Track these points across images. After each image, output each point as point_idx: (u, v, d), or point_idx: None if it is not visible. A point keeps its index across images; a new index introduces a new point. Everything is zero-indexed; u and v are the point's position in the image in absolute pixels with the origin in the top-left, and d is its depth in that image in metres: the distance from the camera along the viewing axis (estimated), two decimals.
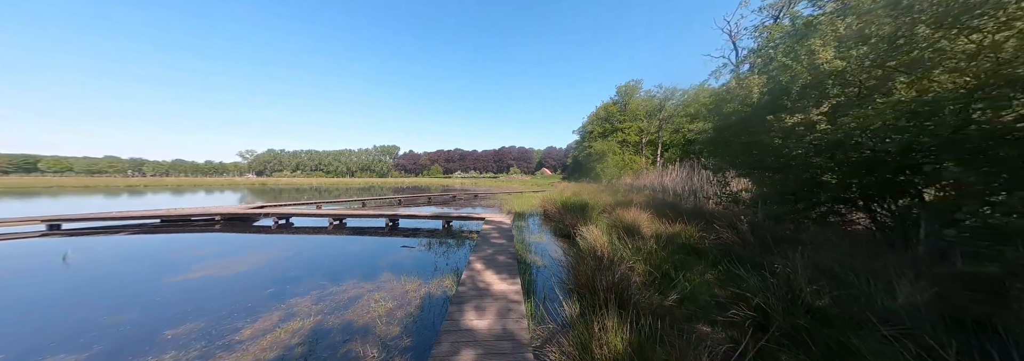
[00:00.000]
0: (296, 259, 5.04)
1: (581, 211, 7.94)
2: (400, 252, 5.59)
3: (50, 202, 15.91)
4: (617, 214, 7.10)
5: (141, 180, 47.58)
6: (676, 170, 14.70)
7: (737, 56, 19.87)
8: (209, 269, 4.52)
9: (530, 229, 8.04)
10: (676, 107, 30.35)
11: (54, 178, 60.20)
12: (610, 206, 9.18)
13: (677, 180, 14.30)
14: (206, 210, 8.53)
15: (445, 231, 7.88)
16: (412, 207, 14.26)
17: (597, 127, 34.77)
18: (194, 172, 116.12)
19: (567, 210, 8.41)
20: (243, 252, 5.60)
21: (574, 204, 9.01)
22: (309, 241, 6.88)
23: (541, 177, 77.44)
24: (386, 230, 8.12)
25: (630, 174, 24.34)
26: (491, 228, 6.50)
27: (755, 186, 6.05)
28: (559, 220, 8.28)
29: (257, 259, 5.05)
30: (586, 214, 7.44)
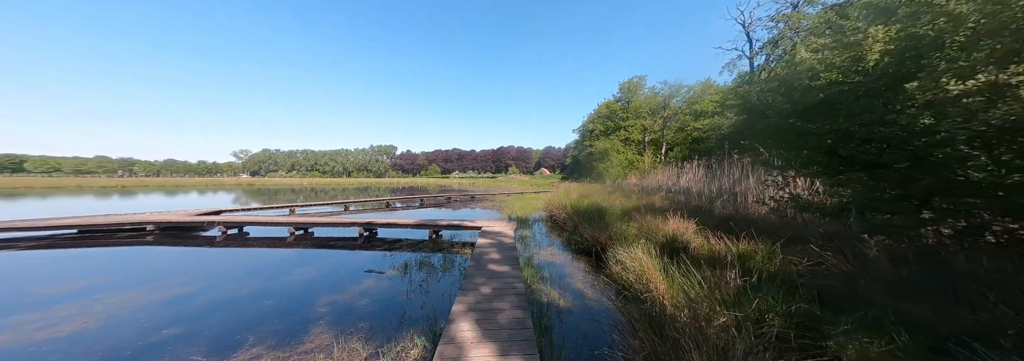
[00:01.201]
0: (196, 300, 3.42)
1: (598, 217, 6.41)
2: (361, 281, 4.01)
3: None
4: (646, 223, 5.57)
5: (119, 181, 45.34)
6: (693, 169, 13.23)
7: (751, 48, 18.46)
8: (45, 319, 2.91)
9: (537, 241, 6.48)
10: (682, 104, 28.97)
11: (21, 178, 57.69)
12: (629, 211, 7.67)
13: (694, 180, 12.84)
14: (139, 218, 6.87)
15: (432, 243, 6.30)
16: (399, 212, 12.66)
17: (598, 125, 33.31)
18: (187, 172, 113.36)
19: (581, 216, 6.87)
20: (136, 282, 3.98)
21: (587, 209, 7.47)
22: (251, 260, 5.27)
23: (540, 177, 76.00)
24: (360, 242, 6.53)
25: (636, 174, 22.88)
26: (489, 242, 4.94)
27: (839, 187, 4.53)
28: (573, 229, 6.72)
29: (138, 298, 3.43)
30: (605, 222, 5.90)
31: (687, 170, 13.77)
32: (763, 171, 6.92)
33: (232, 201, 17.04)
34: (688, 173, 13.55)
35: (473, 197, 18.81)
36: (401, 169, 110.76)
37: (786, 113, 4.88)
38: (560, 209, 8.86)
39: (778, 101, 6.04)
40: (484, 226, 6.38)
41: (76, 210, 11.74)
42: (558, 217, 8.76)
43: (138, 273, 4.46)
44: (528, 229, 7.78)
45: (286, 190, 29.99)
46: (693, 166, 13.26)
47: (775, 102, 8.23)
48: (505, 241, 5.08)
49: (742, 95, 10.22)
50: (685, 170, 14.14)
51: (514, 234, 5.97)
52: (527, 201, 14.84)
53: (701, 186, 10.36)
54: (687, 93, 28.93)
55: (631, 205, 8.46)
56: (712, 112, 26.83)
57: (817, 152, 4.27)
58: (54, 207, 13.45)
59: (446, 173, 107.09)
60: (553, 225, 8.50)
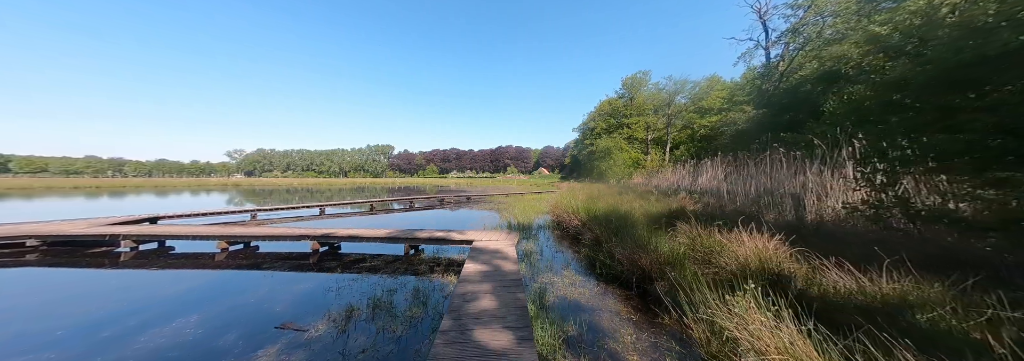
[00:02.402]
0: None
1: (623, 227, 4.84)
2: (263, 345, 2.39)
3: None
4: (698, 237, 4.01)
5: (96, 181, 43.07)
6: (712, 167, 11.71)
7: (767, 37, 17.02)
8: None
9: (548, 261, 4.89)
10: (687, 101, 27.56)
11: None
12: (657, 217, 6.11)
13: (714, 179, 11.34)
14: (18, 230, 5.17)
15: (407, 262, 4.70)
16: (381, 217, 11.01)
17: (601, 123, 31.84)
18: (179, 172, 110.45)
19: (600, 225, 5.30)
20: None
21: (606, 214, 5.90)
22: (146, 290, 3.63)
23: (539, 177, 74.54)
24: (313, 259, 4.91)
25: (642, 173, 21.39)
26: (481, 267, 3.36)
27: (998, 189, 2.97)
28: (593, 244, 5.12)
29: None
30: (638, 235, 4.31)
31: (705, 168, 12.26)
32: (828, 167, 5.36)
33: (209, 202, 15.25)
34: (706, 172, 12.05)
35: (469, 198, 17.18)
36: (399, 169, 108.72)
37: (894, 83, 3.28)
38: (570, 214, 7.29)
39: (898, 67, 4.36)
40: (477, 240, 4.78)
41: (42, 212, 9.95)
42: (568, 224, 7.19)
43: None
44: (533, 240, 6.19)
45: (266, 191, 28.12)
46: (713, 164, 11.74)
47: (870, 67, 6.40)
48: (505, 266, 3.48)
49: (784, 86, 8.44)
50: (703, 168, 12.62)
51: (516, 250, 4.38)
52: (528, 203, 13.25)
53: (731, 186, 8.81)
54: (692, 89, 27.52)
55: (657, 210, 6.90)
56: (719, 109, 25.44)
57: (969, 136, 2.71)
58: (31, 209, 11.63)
59: (444, 173, 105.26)
60: (563, 234, 6.92)
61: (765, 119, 14.44)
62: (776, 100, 14.74)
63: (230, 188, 33.01)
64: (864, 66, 6.63)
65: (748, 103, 16.74)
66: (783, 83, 15.95)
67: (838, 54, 10.84)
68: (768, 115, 14.62)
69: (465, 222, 9.11)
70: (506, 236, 5.12)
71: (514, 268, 3.40)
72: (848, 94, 7.59)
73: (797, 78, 13.60)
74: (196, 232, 5.25)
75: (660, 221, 5.97)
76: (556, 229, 7.51)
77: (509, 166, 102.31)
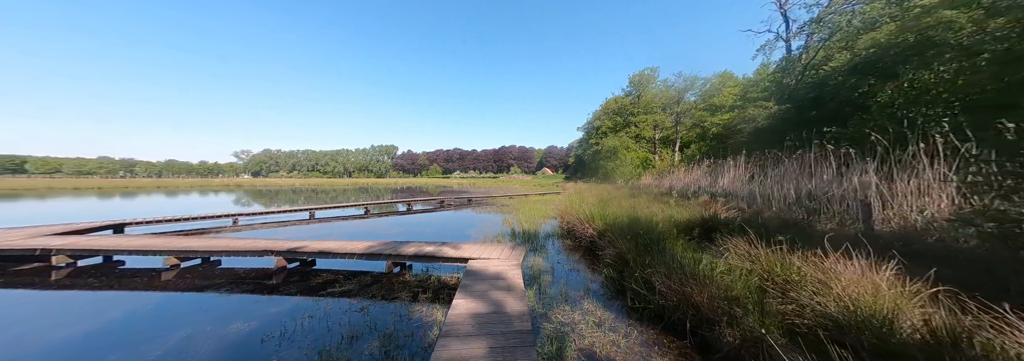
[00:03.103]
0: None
1: (654, 241, 3.88)
2: None
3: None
4: (779, 267, 3.02)
5: (97, 182, 43.15)
6: (735, 167, 10.67)
7: (788, 28, 15.83)
8: None
9: (563, 286, 3.93)
10: (697, 98, 26.37)
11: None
12: (687, 225, 5.13)
13: (739, 179, 10.34)
14: None
15: (388, 284, 3.79)
16: (376, 218, 10.15)
17: (607, 121, 30.72)
18: (188, 173, 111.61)
19: (624, 238, 4.33)
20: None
21: (631, 225, 4.91)
22: (29, 327, 2.75)
23: (543, 177, 73.51)
24: (279, 279, 4.03)
25: (652, 173, 20.29)
26: (473, 309, 2.43)
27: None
28: (617, 262, 4.13)
29: None
30: (678, 254, 3.33)
31: (726, 168, 11.20)
32: (892, 166, 4.32)
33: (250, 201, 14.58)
34: (728, 172, 10.99)
35: (470, 200, 16.28)
36: (402, 169, 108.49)
37: None
38: (583, 221, 6.33)
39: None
40: (473, 258, 3.85)
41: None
42: (580, 232, 6.22)
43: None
44: (540, 253, 5.23)
45: (271, 192, 27.56)
46: (735, 163, 10.69)
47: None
48: (508, 302, 2.55)
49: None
50: (723, 168, 11.57)
51: (522, 271, 3.44)
52: (533, 206, 12.30)
53: (763, 189, 7.74)
54: (703, 86, 26.31)
55: (684, 217, 5.90)
56: (731, 106, 24.23)
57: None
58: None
59: (447, 173, 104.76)
60: (576, 245, 5.95)
61: (788, 115, 13.29)
62: (800, 95, 13.57)
63: (233, 189, 32.61)
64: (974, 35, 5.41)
65: (767, 98, 15.57)
66: (806, 77, 14.75)
67: (878, 42, 9.66)
68: (792, 111, 13.44)
69: (464, 228, 8.21)
70: (509, 252, 4.17)
71: (520, 308, 2.45)
72: (910, 81, 6.48)
73: (826, 70, 12.42)
74: (144, 245, 4.40)
75: (692, 231, 4.98)
76: (566, 238, 6.55)
77: (512, 166, 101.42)
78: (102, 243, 4.52)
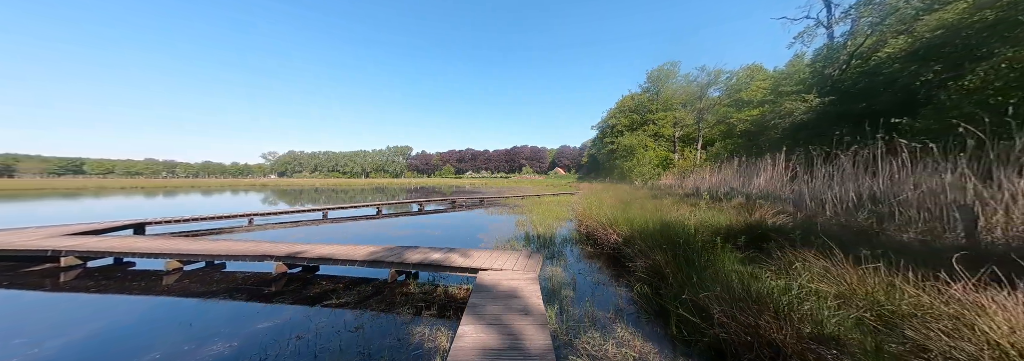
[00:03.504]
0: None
1: (694, 252, 3.25)
2: None
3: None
4: (873, 289, 2.35)
5: (138, 182, 46.33)
6: (774, 166, 9.69)
7: (830, 14, 14.37)
8: None
9: (589, 306, 3.38)
10: (722, 93, 24.79)
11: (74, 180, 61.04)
12: (739, 234, 4.44)
13: (776, 180, 9.39)
14: None
15: (389, 296, 3.38)
16: (386, 219, 9.92)
17: (623, 119, 29.53)
18: (222, 173, 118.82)
19: (658, 247, 3.71)
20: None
21: (665, 232, 4.27)
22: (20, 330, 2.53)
23: (555, 177, 72.47)
24: (278, 286, 3.73)
25: (673, 173, 19.16)
26: (483, 342, 1.93)
27: None
28: (651, 276, 3.52)
29: None
30: (736, 275, 2.70)
31: (761, 167, 10.19)
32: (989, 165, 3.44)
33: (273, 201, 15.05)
34: (765, 171, 9.98)
35: (482, 200, 15.90)
36: (416, 169, 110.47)
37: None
38: (605, 226, 5.71)
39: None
40: (484, 268, 3.38)
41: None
42: (602, 238, 5.61)
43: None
44: (559, 262, 4.69)
45: (295, 191, 28.44)
46: (773, 162, 9.68)
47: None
48: (525, 330, 2.04)
49: None
50: (757, 167, 10.54)
51: (540, 285, 2.93)
52: (547, 207, 11.72)
53: (813, 190, 6.81)
54: (728, 80, 24.67)
55: (722, 222, 5.17)
56: (761, 101, 22.54)
57: None
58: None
59: (460, 173, 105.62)
60: (597, 252, 5.34)
61: (832, 108, 11.99)
62: (847, 86, 12.23)
63: (259, 189, 34.03)
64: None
65: (805, 91, 14.20)
66: (853, 66, 13.31)
67: (947, 23, 8.38)
68: (837, 103, 12.11)
69: (475, 230, 7.78)
70: (525, 261, 3.67)
71: (541, 341, 1.93)
72: (1009, 61, 5.40)
73: (879, 57, 11.05)
74: (148, 248, 4.24)
75: (736, 239, 4.27)
76: (586, 243, 5.95)
77: (524, 166, 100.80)
78: (109, 245, 4.41)
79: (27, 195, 20.28)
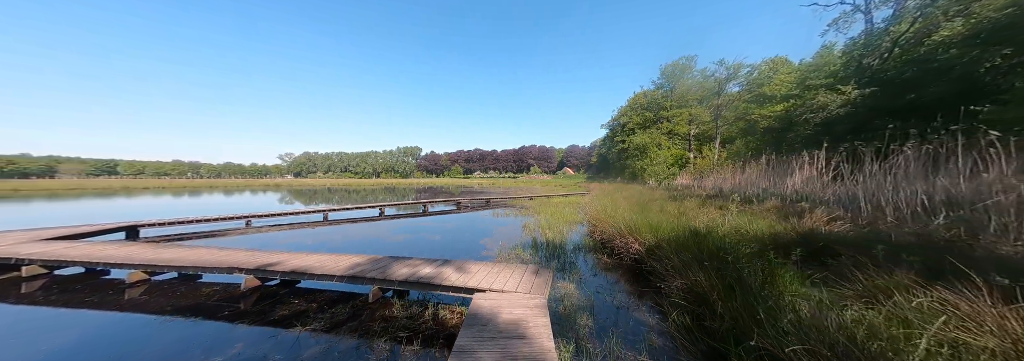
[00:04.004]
0: None
1: (739, 271, 2.52)
2: None
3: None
4: None
5: (162, 182, 48.22)
6: (812, 165, 8.73)
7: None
8: None
9: (611, 347, 2.70)
10: (743, 88, 23.38)
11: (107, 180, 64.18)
12: (792, 246, 3.67)
13: (812, 181, 8.50)
14: None
15: (367, 323, 2.80)
16: (387, 221, 9.45)
17: (635, 117, 28.38)
18: (241, 174, 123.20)
19: (696, 263, 2.99)
20: None
21: (697, 242, 3.53)
22: None
23: (564, 177, 71.36)
24: (247, 304, 3.21)
25: (691, 172, 18.06)
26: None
27: None
28: (690, 299, 2.80)
29: None
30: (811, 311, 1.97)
31: (796, 166, 9.23)
32: None
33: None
34: (801, 170, 9.03)
35: (488, 201, 15.31)
36: (425, 169, 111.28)
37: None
38: (625, 233, 4.97)
39: None
40: (482, 289, 2.75)
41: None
42: (620, 246, 4.87)
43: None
44: (572, 276, 4.01)
45: (310, 191, 28.69)
46: (812, 159, 8.70)
47: None
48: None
49: None
50: (790, 166, 9.57)
51: (549, 311, 2.27)
52: (556, 209, 11.01)
53: (866, 192, 5.86)
54: (749, 74, 23.24)
55: (763, 230, 4.36)
56: (785, 95, 21.06)
57: None
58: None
59: (468, 173, 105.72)
60: (615, 263, 4.62)
61: (872, 101, 10.79)
62: (892, 75, 10.99)
63: (272, 189, 34.60)
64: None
65: (839, 83, 12.95)
66: (898, 53, 12.01)
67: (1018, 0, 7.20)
68: (879, 95, 10.89)
69: (478, 235, 7.17)
70: (531, 279, 3.01)
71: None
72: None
73: (932, 42, 9.81)
74: (112, 257, 3.82)
75: (788, 251, 3.49)
76: (601, 252, 5.23)
77: (532, 166, 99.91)
78: (77, 253, 4.03)
79: (48, 196, 21.01)
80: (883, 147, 6.61)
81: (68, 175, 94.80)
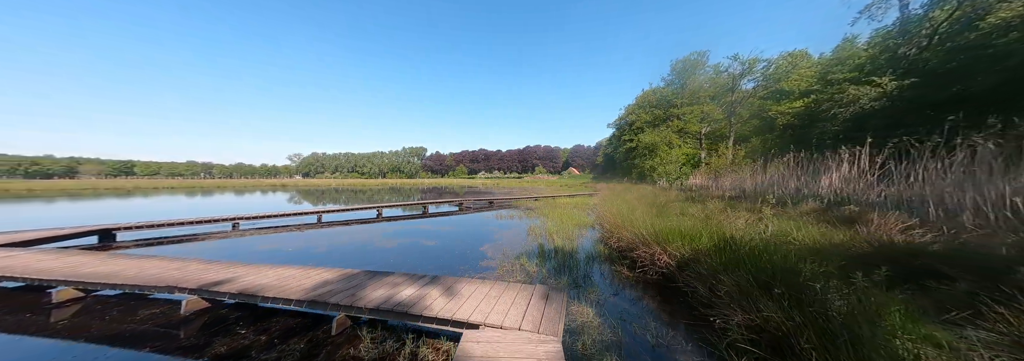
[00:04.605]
0: None
1: (825, 302, 1.74)
2: None
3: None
4: None
5: (173, 182, 48.88)
6: (855, 163, 7.86)
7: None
8: None
9: None
10: (759, 84, 22.23)
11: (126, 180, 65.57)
12: (868, 263, 2.85)
13: (852, 181, 7.68)
14: None
15: (328, 357, 2.11)
16: (384, 223, 8.81)
17: (643, 115, 27.36)
18: (252, 174, 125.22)
19: (757, 288, 2.22)
20: None
21: (750, 256, 2.76)
22: None
23: (569, 177, 70.33)
24: (191, 329, 2.55)
25: (706, 172, 17.08)
26: None
27: None
28: (760, 343, 2.04)
29: None
30: None
31: (833, 165, 8.34)
32: None
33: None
34: (838, 169, 8.13)
35: (491, 202, 14.60)
36: (431, 170, 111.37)
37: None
38: (645, 241, 4.20)
39: None
40: (474, 323, 2.04)
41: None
42: (643, 257, 4.10)
43: None
44: (588, 296, 3.26)
45: (319, 191, 28.43)
46: (853, 156, 7.80)
47: None
48: None
49: None
50: (824, 165, 8.67)
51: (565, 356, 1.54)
52: (563, 210, 10.24)
53: (935, 194, 4.97)
54: (766, 69, 22.07)
55: (821, 240, 3.54)
56: (804, 91, 19.89)
57: None
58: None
59: (473, 173, 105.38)
60: (638, 279, 3.84)
61: (911, 93, 9.77)
62: (934, 65, 9.97)
63: (278, 188, 34.54)
64: None
65: (871, 74, 11.89)
66: (939, 41, 10.95)
67: None
68: (921, 87, 9.86)
69: (479, 240, 6.46)
70: (540, 307, 2.28)
71: None
72: None
73: (985, 26, 8.77)
74: (41, 272, 3.21)
75: (870, 270, 2.68)
76: (621, 263, 4.46)
77: (537, 166, 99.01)
78: (13, 263, 3.44)
79: (54, 196, 21.05)
80: (942, 143, 5.69)
81: (88, 175, 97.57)
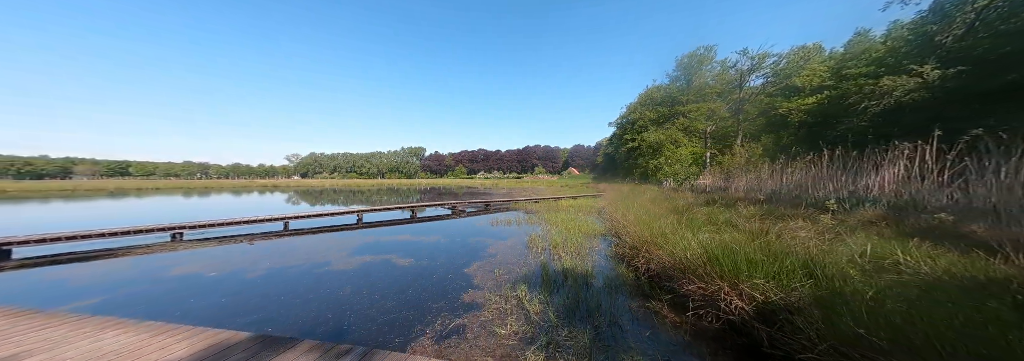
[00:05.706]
0: None
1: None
2: None
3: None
4: None
5: (169, 182, 47.17)
6: (917, 160, 6.69)
7: None
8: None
9: None
10: (768, 80, 21.04)
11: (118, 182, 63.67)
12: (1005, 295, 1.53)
13: (908, 183, 6.50)
14: None
15: None
16: (366, 230, 7.51)
17: (647, 113, 26.15)
18: (249, 174, 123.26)
19: None
20: None
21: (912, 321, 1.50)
22: None
23: (569, 177, 69.16)
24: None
25: (715, 173, 15.87)
26: None
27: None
28: None
29: None
30: None
31: (873, 166, 7.18)
32: None
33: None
34: (890, 168, 6.95)
35: (488, 205, 13.31)
36: (430, 170, 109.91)
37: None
38: (706, 273, 2.95)
39: None
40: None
41: None
42: (694, 293, 2.86)
43: None
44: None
45: (315, 191, 27.05)
46: (920, 153, 6.61)
47: None
48: None
49: None
50: (863, 166, 7.49)
51: None
52: (568, 215, 8.98)
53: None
54: (776, 64, 20.90)
55: (965, 272, 2.28)
56: (817, 87, 18.70)
57: None
58: None
59: (472, 173, 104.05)
60: (695, 331, 2.58)
61: (953, 83, 8.59)
62: (980, 53, 8.80)
63: (270, 189, 33.09)
64: None
65: (912, 61, 10.67)
66: (983, 25, 9.76)
67: None
68: (967, 76, 8.67)
69: (468, 257, 5.19)
70: None
71: None
72: None
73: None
74: None
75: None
76: (658, 300, 3.20)
77: (537, 166, 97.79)
78: None
79: (23, 198, 19.59)
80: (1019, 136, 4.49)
81: (82, 176, 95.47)
